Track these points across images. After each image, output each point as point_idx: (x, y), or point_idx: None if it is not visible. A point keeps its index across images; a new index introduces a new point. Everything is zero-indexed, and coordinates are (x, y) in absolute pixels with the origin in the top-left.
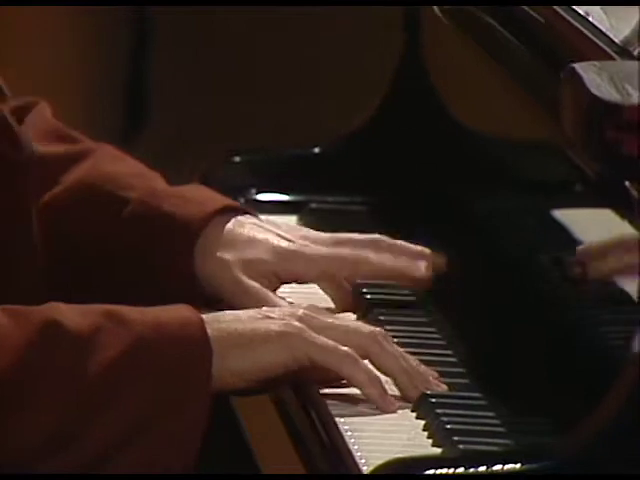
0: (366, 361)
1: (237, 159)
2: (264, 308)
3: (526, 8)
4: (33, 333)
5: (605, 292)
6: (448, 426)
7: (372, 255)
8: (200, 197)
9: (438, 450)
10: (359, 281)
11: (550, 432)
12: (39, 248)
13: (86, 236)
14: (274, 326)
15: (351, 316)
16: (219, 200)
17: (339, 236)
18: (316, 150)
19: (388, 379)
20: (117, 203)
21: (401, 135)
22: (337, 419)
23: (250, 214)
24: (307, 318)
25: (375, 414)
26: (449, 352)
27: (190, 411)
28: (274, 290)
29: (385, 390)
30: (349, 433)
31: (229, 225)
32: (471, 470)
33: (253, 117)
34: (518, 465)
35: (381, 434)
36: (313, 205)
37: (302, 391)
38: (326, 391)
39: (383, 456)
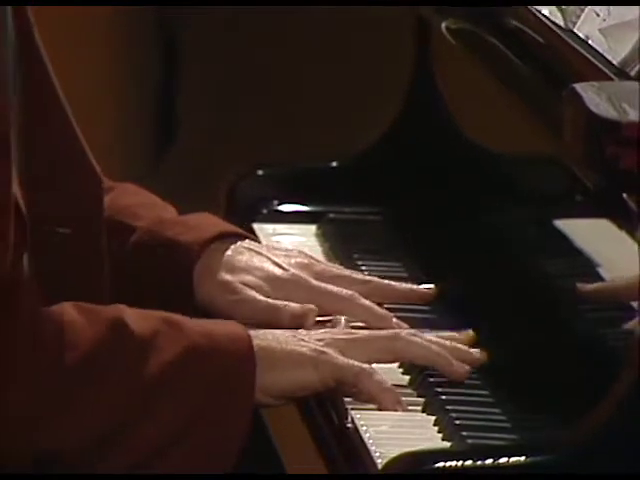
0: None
1: (260, 172)
2: (299, 331)
3: (529, 31)
4: (102, 330)
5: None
6: (457, 422)
7: (357, 297)
8: (202, 224)
9: (448, 444)
10: None
11: (553, 427)
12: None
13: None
14: (307, 351)
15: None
16: (219, 226)
17: (331, 269)
18: (334, 164)
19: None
20: (126, 231)
21: (413, 150)
22: (353, 414)
23: (249, 239)
24: (336, 342)
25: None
26: None
27: (234, 420)
28: None
29: (398, 398)
30: (364, 428)
31: (228, 251)
32: (478, 463)
33: (276, 133)
34: (523, 458)
35: (394, 429)
36: (331, 215)
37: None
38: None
39: (396, 449)
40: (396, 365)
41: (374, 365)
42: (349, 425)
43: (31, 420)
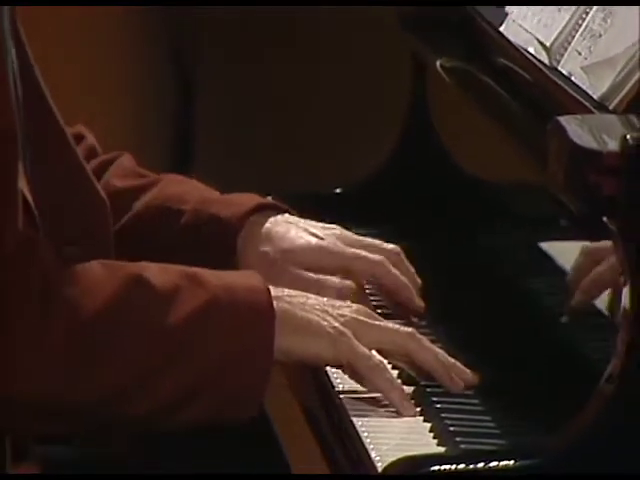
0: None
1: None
2: (326, 300)
3: (517, 68)
4: (121, 283)
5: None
6: (451, 428)
7: (387, 263)
8: (242, 199)
9: (442, 449)
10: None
11: (538, 433)
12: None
13: (151, 249)
14: (327, 326)
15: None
16: (256, 200)
17: (363, 239)
18: (338, 190)
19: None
20: (174, 216)
21: (410, 178)
22: (355, 422)
23: (287, 212)
24: (355, 322)
25: (388, 417)
26: None
27: (256, 364)
28: None
29: (405, 395)
30: (365, 434)
31: (267, 223)
32: (471, 466)
33: (286, 159)
34: (512, 462)
35: (393, 435)
36: None
37: (326, 398)
38: (347, 398)
39: (395, 454)
40: (395, 375)
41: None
42: (351, 431)
43: (55, 372)
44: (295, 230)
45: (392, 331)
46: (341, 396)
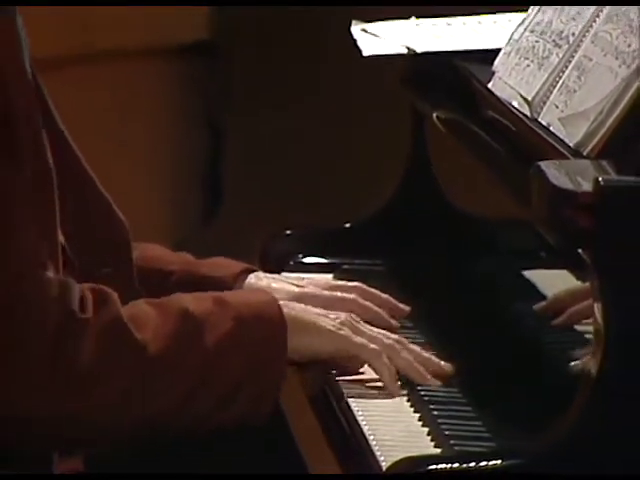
0: None
1: (288, 232)
2: (320, 310)
3: (503, 120)
4: (174, 319)
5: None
6: (446, 432)
7: (359, 298)
8: (226, 263)
9: (438, 450)
10: None
11: (525, 437)
12: None
13: None
14: (328, 323)
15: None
16: (241, 265)
17: (333, 282)
18: (347, 225)
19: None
20: (161, 275)
21: (410, 214)
22: (362, 426)
23: (259, 270)
24: (351, 323)
25: (391, 422)
26: None
27: (273, 370)
28: None
29: (395, 378)
30: (371, 437)
31: (252, 280)
32: (464, 465)
33: (304, 201)
34: (499, 462)
35: (395, 437)
36: (345, 266)
37: (337, 402)
38: (356, 403)
39: (397, 454)
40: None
41: None
42: (359, 435)
43: (124, 391)
44: (277, 283)
45: (379, 336)
46: (350, 402)
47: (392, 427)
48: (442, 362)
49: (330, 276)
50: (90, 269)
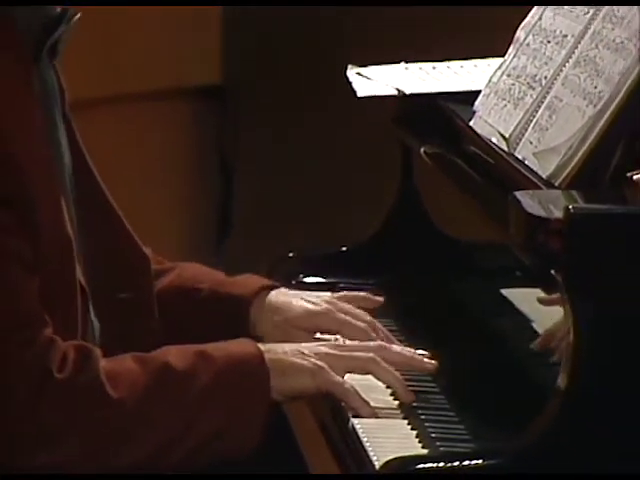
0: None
1: (291, 255)
2: (302, 344)
3: (483, 154)
4: (153, 374)
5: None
6: (432, 434)
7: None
8: (250, 281)
9: (425, 451)
10: None
11: (503, 439)
12: None
13: (174, 320)
14: (307, 363)
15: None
16: (262, 281)
17: (348, 308)
18: (343, 249)
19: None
20: (194, 292)
21: (401, 238)
22: (358, 430)
23: (283, 287)
24: (327, 356)
25: (384, 426)
26: (433, 384)
27: (255, 416)
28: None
29: (367, 406)
30: (365, 439)
31: (272, 297)
32: (448, 465)
33: (304, 228)
34: (481, 461)
35: (386, 439)
36: (341, 285)
37: (332, 405)
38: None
39: (388, 454)
40: (389, 393)
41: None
42: (354, 437)
43: (96, 447)
44: (295, 300)
45: (356, 358)
46: (347, 409)
47: (384, 430)
48: (425, 359)
49: (328, 293)
50: (109, 294)
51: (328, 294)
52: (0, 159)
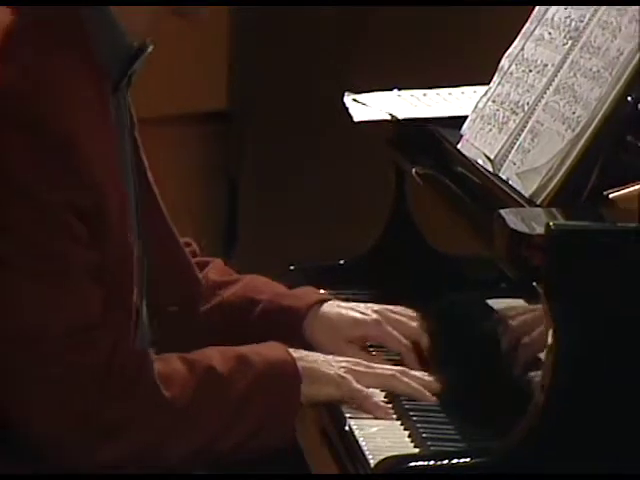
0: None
1: (292, 268)
2: (331, 357)
3: (470, 175)
4: (200, 377)
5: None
6: (424, 435)
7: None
8: (306, 295)
9: (417, 450)
10: None
11: (489, 439)
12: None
13: (236, 326)
14: (334, 375)
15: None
16: (318, 295)
17: (395, 317)
18: (341, 262)
19: None
20: (254, 303)
21: (395, 253)
22: (355, 431)
23: (334, 299)
24: (352, 371)
25: (379, 428)
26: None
27: (286, 421)
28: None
29: (389, 414)
30: (361, 439)
31: (325, 309)
32: (438, 463)
33: (305, 242)
34: (469, 459)
35: (381, 439)
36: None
37: (332, 409)
38: (350, 411)
39: (383, 453)
40: (382, 396)
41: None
42: (351, 438)
43: (159, 443)
44: (345, 311)
45: (377, 375)
46: (345, 414)
47: (379, 431)
48: (431, 379)
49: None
50: (158, 307)
51: (378, 306)
52: (81, 175)
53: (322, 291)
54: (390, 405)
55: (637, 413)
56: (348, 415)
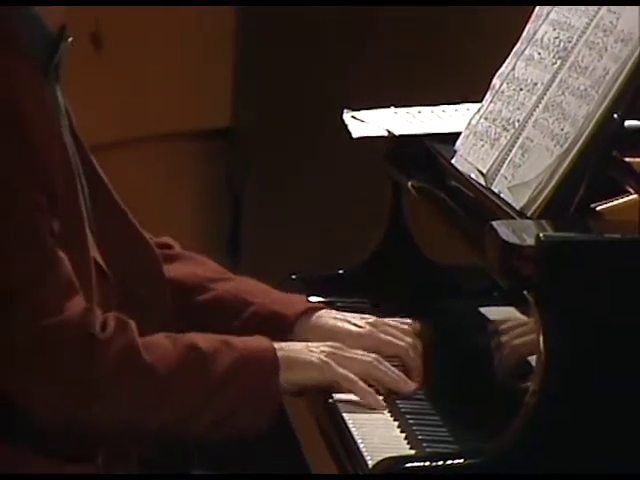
0: None
1: (293, 277)
2: (310, 344)
3: (463, 188)
4: (182, 350)
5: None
6: (419, 436)
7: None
8: (297, 302)
9: (413, 451)
10: None
11: (482, 441)
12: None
13: (224, 323)
14: (315, 359)
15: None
16: (308, 304)
17: (389, 324)
18: (340, 271)
19: None
20: (246, 305)
21: (392, 263)
22: (353, 432)
23: (326, 308)
24: (333, 355)
25: (376, 430)
26: (419, 392)
27: (264, 401)
28: None
29: (373, 395)
30: (359, 440)
31: (319, 320)
32: (433, 464)
33: (305, 252)
34: (462, 460)
35: (379, 440)
36: (339, 304)
37: (331, 411)
38: (348, 414)
39: (380, 454)
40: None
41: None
42: (350, 439)
43: (130, 403)
44: (340, 323)
45: (358, 360)
46: (344, 415)
47: (376, 433)
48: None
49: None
50: (130, 290)
51: (371, 316)
52: (35, 152)
53: (321, 299)
54: (388, 409)
55: (625, 417)
56: (347, 418)
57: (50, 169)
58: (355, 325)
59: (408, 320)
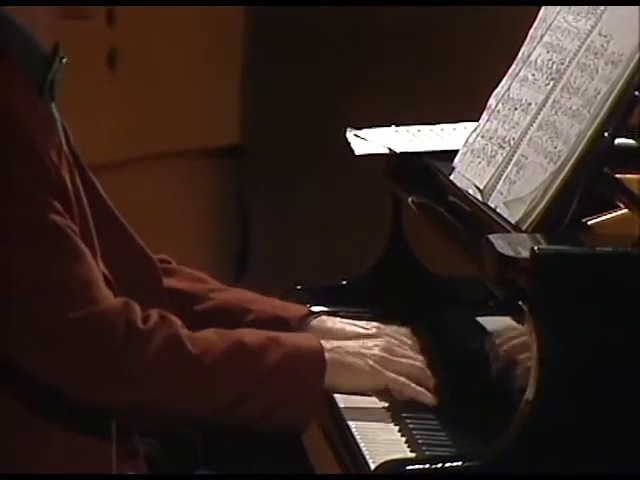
0: None
1: (298, 288)
2: (361, 342)
3: (461, 203)
4: (229, 343)
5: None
6: (419, 440)
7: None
8: (297, 307)
9: (413, 454)
10: None
11: (479, 444)
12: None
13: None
14: (364, 365)
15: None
16: (309, 310)
17: (382, 329)
18: (343, 282)
19: None
20: (247, 310)
21: (392, 274)
22: (356, 435)
23: (325, 315)
24: (382, 359)
25: (378, 433)
26: None
27: (306, 400)
28: None
29: (426, 394)
30: (362, 443)
31: (316, 322)
32: (432, 466)
33: (309, 264)
34: (461, 463)
35: (380, 443)
36: (342, 313)
37: (335, 416)
38: (352, 420)
39: (382, 457)
40: (381, 405)
41: None
42: (352, 442)
43: (187, 395)
44: (339, 325)
45: (405, 365)
46: (348, 422)
47: (378, 437)
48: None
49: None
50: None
51: (374, 323)
52: (44, 163)
53: (325, 309)
54: (389, 413)
55: (618, 423)
56: (350, 422)
57: (58, 177)
58: (353, 325)
59: (403, 330)
